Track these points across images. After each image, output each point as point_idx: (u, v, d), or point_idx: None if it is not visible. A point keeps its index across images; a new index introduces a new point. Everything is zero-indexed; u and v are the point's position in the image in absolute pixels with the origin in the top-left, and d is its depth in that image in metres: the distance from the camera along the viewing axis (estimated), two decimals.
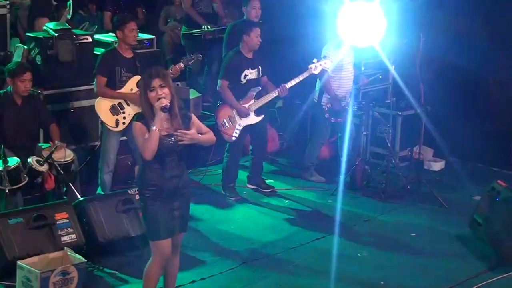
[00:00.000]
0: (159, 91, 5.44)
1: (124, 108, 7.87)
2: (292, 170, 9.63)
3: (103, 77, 7.78)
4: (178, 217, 5.66)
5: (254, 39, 8.25)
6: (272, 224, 8.03)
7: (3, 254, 6.39)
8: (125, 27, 7.76)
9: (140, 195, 5.69)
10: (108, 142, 7.95)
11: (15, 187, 7.14)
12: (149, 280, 5.77)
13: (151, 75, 5.46)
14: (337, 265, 7.07)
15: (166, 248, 5.66)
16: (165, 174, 5.55)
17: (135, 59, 7.92)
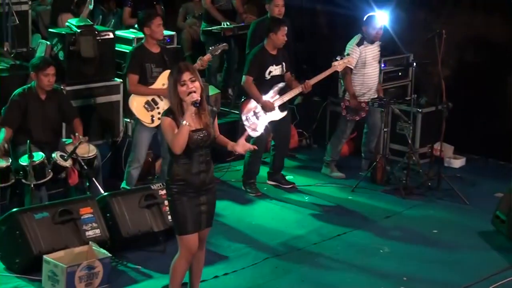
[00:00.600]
0: (190, 85, 5.45)
1: (158, 104, 7.91)
2: (311, 167, 9.65)
3: (135, 75, 7.82)
4: (204, 212, 5.69)
5: (280, 38, 8.29)
6: (293, 220, 8.05)
7: (29, 248, 6.42)
8: (152, 23, 7.81)
9: (167, 190, 5.69)
10: (140, 137, 7.99)
11: (40, 182, 7.20)
12: (176, 275, 5.80)
13: (181, 69, 5.47)
14: (360, 261, 7.11)
15: (193, 242, 5.69)
16: (193, 169, 5.56)
17: (162, 54, 7.96)
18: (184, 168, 5.56)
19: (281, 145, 8.80)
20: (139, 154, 8.04)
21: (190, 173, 5.56)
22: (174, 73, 5.49)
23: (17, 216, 6.49)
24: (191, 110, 5.45)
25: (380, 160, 8.80)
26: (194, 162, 5.56)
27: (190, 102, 5.42)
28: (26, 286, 6.37)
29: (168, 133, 5.49)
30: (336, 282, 6.70)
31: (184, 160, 5.55)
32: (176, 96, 5.48)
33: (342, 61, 8.53)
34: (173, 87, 5.49)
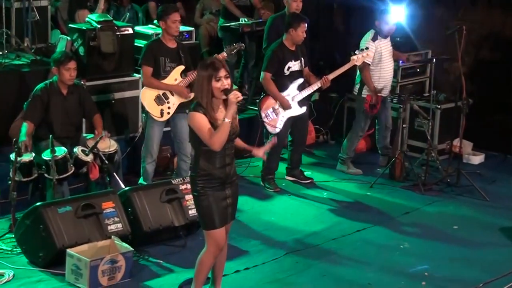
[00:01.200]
0: (224, 82, 5.46)
1: (168, 98, 7.94)
2: (328, 163, 9.68)
3: (149, 67, 7.86)
4: (230, 205, 5.71)
5: (300, 35, 8.31)
6: (312, 215, 8.07)
7: (53, 242, 6.46)
8: (168, 18, 7.84)
9: (192, 184, 5.68)
10: (151, 132, 8.03)
11: (62, 176, 7.23)
12: (202, 269, 5.81)
13: (217, 66, 5.46)
14: (380, 256, 7.13)
15: (221, 237, 5.71)
16: (218, 162, 5.57)
17: (178, 50, 7.99)
18: (210, 162, 5.56)
19: (298, 140, 8.81)
20: (151, 149, 8.08)
21: (215, 166, 5.57)
22: (209, 69, 5.46)
23: (41, 210, 6.52)
24: (235, 108, 5.44)
25: (398, 156, 8.81)
26: (219, 156, 5.57)
27: (235, 101, 5.40)
28: (50, 280, 6.40)
29: (203, 128, 5.45)
30: (357, 278, 6.71)
31: (210, 154, 5.55)
32: (208, 91, 5.47)
33: (361, 55, 8.53)
34: (206, 82, 5.46)
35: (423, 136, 9.16)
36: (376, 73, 8.92)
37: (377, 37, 8.89)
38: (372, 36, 8.92)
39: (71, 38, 8.56)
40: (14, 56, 8.85)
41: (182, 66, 7.98)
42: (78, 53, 8.43)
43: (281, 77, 8.39)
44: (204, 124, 5.45)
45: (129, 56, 8.80)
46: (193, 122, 5.49)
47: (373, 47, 8.83)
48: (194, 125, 5.50)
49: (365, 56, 8.55)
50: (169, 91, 7.95)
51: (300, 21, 8.30)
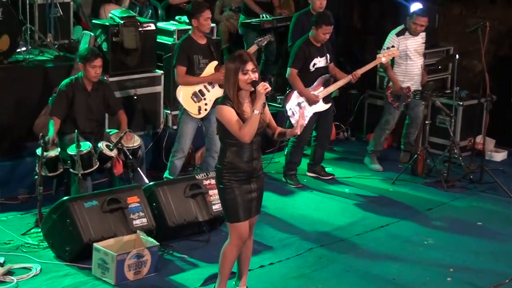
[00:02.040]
0: (252, 75, 5.48)
1: (205, 95, 7.96)
2: (349, 159, 9.69)
3: (183, 67, 7.87)
4: (255, 199, 5.73)
5: (320, 35, 8.31)
6: (335, 211, 8.08)
7: (80, 236, 6.49)
8: (200, 15, 7.84)
9: (218, 177, 5.70)
10: (186, 128, 8.04)
11: (88, 171, 7.26)
12: (226, 262, 5.84)
13: (245, 58, 5.49)
14: (404, 252, 7.13)
15: (245, 230, 5.73)
16: (245, 156, 5.59)
17: (209, 45, 8.01)
18: (237, 155, 5.58)
19: (322, 136, 8.83)
20: (183, 145, 8.09)
21: (242, 160, 5.59)
22: (237, 62, 5.49)
23: (68, 205, 6.55)
24: (263, 99, 5.46)
25: (421, 153, 8.80)
26: (247, 149, 5.59)
27: (263, 92, 5.41)
28: (76, 274, 6.43)
29: (231, 121, 5.48)
30: (382, 273, 6.71)
31: (237, 148, 5.57)
32: (235, 84, 5.50)
33: (387, 53, 8.57)
34: (233, 75, 5.49)
35: (444, 133, 9.16)
36: (401, 68, 8.92)
37: (404, 33, 8.89)
38: (398, 31, 8.93)
39: (94, 34, 8.58)
40: (37, 51, 8.87)
41: (215, 62, 7.99)
42: (101, 49, 8.44)
43: (306, 73, 8.41)
44: (233, 117, 5.48)
45: (151, 52, 8.82)
46: (221, 115, 5.52)
47: (395, 42, 8.83)
48: (222, 118, 5.52)
49: (391, 53, 8.58)
50: (204, 87, 7.96)
51: (323, 23, 8.29)
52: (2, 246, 6.77)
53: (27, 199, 7.74)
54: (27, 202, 7.71)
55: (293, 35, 9.11)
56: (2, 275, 6.20)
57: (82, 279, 6.35)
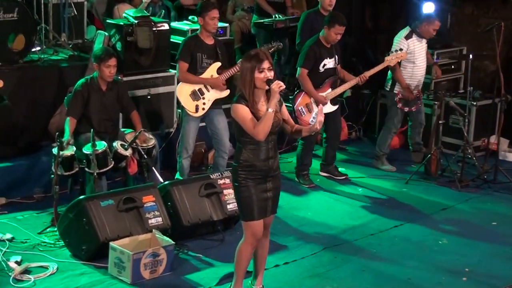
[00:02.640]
0: (267, 73, 5.49)
1: (204, 94, 7.99)
2: (361, 159, 9.70)
3: (185, 62, 7.90)
4: (270, 198, 5.74)
5: (332, 35, 8.32)
6: (348, 211, 8.09)
7: (96, 235, 6.51)
8: (206, 14, 7.87)
9: (234, 175, 5.72)
10: (187, 127, 8.08)
11: (103, 170, 7.28)
12: (241, 260, 5.86)
13: (261, 57, 5.49)
14: (419, 252, 7.13)
15: (259, 229, 5.75)
16: (261, 155, 5.61)
17: (216, 46, 8.02)
18: (253, 154, 5.60)
19: (332, 137, 8.85)
20: (187, 144, 8.12)
21: (258, 158, 5.60)
22: (253, 60, 5.49)
23: (84, 204, 6.57)
24: (277, 97, 5.48)
25: (434, 153, 8.80)
26: (263, 148, 5.60)
27: (278, 90, 5.42)
28: (93, 272, 6.46)
29: (246, 119, 5.50)
30: (396, 273, 6.73)
31: (253, 146, 5.59)
32: (251, 82, 5.50)
33: (395, 56, 8.60)
34: (249, 73, 5.50)
35: (457, 133, 9.18)
36: (408, 71, 8.94)
37: (412, 35, 8.91)
38: (406, 34, 8.93)
39: (108, 34, 8.60)
40: (51, 51, 8.91)
41: (218, 63, 8.01)
42: (115, 49, 8.45)
43: (316, 73, 8.42)
44: (247, 115, 5.50)
45: (165, 52, 8.83)
46: (236, 114, 5.54)
47: (404, 45, 8.84)
48: (237, 116, 5.55)
49: (399, 56, 8.59)
50: (204, 87, 7.99)
51: (336, 23, 8.29)
52: (19, 245, 6.80)
53: (42, 198, 7.78)
54: (42, 201, 7.75)
55: (302, 33, 9.13)
56: (20, 273, 6.23)
57: (98, 278, 6.37)
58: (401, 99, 8.93)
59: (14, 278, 6.19)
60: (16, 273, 6.21)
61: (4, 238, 6.82)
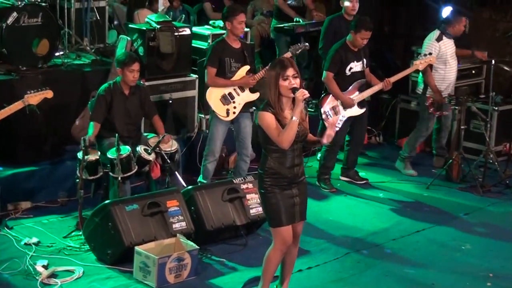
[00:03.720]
0: (292, 81, 5.50)
1: (234, 98, 8.01)
2: (381, 164, 9.70)
3: (213, 68, 7.92)
4: (297, 204, 5.75)
5: (358, 40, 8.34)
6: (371, 215, 8.10)
7: (121, 240, 6.54)
8: (234, 18, 7.89)
9: (260, 182, 5.74)
10: (216, 131, 8.09)
11: (127, 175, 7.31)
12: (269, 266, 5.86)
13: (285, 64, 5.52)
14: (442, 257, 7.14)
15: (288, 235, 5.75)
16: (287, 162, 5.63)
17: (243, 50, 8.05)
18: (279, 162, 5.62)
19: (356, 141, 8.85)
20: (214, 148, 8.14)
21: (284, 166, 5.63)
22: (277, 67, 5.52)
23: (110, 208, 6.61)
24: (301, 106, 5.48)
25: (456, 158, 8.80)
26: (288, 156, 5.63)
27: (302, 99, 5.44)
28: (118, 276, 6.49)
29: (271, 127, 5.53)
30: (420, 278, 6.73)
31: (279, 154, 5.61)
32: (276, 90, 5.52)
33: (424, 60, 8.61)
34: (274, 81, 5.52)
35: (478, 138, 9.17)
36: (440, 73, 8.93)
37: (442, 37, 8.90)
38: (436, 36, 8.92)
39: (131, 38, 8.64)
40: (74, 56, 8.96)
41: (247, 66, 8.03)
42: (137, 53, 8.51)
43: (342, 77, 8.43)
44: (272, 123, 5.52)
45: (186, 57, 8.88)
46: (262, 121, 5.56)
47: (436, 48, 8.84)
48: (262, 124, 5.57)
49: (428, 61, 8.60)
50: (234, 91, 8.01)
51: (362, 28, 8.31)
52: (45, 249, 6.86)
53: (66, 202, 7.82)
54: (66, 205, 7.80)
55: (325, 38, 9.14)
56: (47, 277, 6.27)
57: (124, 282, 6.42)
58: (433, 103, 8.91)
59: (41, 282, 6.24)
60: (43, 277, 6.26)
61: (30, 242, 6.88)
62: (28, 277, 6.33)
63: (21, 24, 8.13)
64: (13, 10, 8.10)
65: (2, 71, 8.16)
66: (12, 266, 6.46)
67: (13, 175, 7.65)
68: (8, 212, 7.48)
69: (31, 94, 6.59)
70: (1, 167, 7.77)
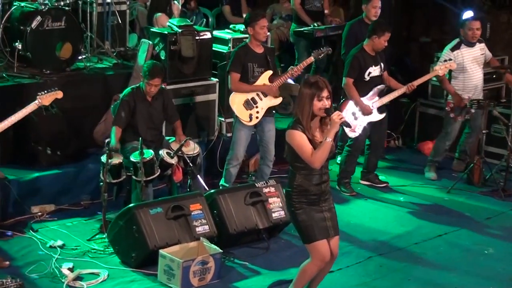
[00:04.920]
0: (326, 102, 5.52)
1: (257, 103, 8.03)
2: (401, 167, 9.69)
3: (237, 73, 7.95)
4: (328, 219, 5.74)
5: (382, 43, 8.36)
6: (391, 219, 8.10)
7: (146, 243, 6.57)
8: (256, 24, 7.91)
9: (288, 200, 5.76)
10: (239, 136, 8.11)
11: (150, 178, 7.35)
12: (303, 278, 5.88)
13: (321, 85, 5.51)
14: (465, 261, 7.14)
15: (325, 249, 5.73)
16: (314, 180, 5.65)
17: (266, 54, 8.07)
18: (307, 179, 5.64)
19: (377, 145, 8.86)
20: (238, 152, 8.16)
21: (311, 183, 5.65)
22: (313, 88, 5.51)
23: (134, 211, 6.65)
24: (337, 128, 5.50)
25: (477, 162, 8.79)
26: (317, 173, 5.65)
27: (339, 122, 5.46)
28: (143, 280, 6.53)
29: (303, 146, 5.53)
30: (443, 282, 6.73)
31: (307, 171, 5.63)
32: (309, 110, 5.53)
33: (444, 66, 8.59)
34: (309, 100, 5.52)
35: (499, 142, 9.15)
36: (459, 82, 8.89)
37: (460, 46, 8.86)
38: (453, 45, 8.89)
39: (152, 42, 8.68)
40: (96, 59, 9.01)
41: (270, 71, 8.05)
42: (159, 57, 8.55)
43: (361, 82, 8.45)
44: (304, 142, 5.53)
45: (207, 60, 8.90)
46: (293, 140, 5.57)
47: (451, 56, 8.81)
48: (293, 142, 5.58)
49: (448, 66, 8.61)
50: (257, 96, 8.04)
51: (385, 30, 8.34)
52: (69, 252, 6.90)
53: (89, 205, 7.86)
54: (89, 208, 7.84)
55: (347, 44, 9.16)
56: (73, 280, 6.31)
57: (148, 285, 6.45)
58: (453, 108, 8.90)
59: (67, 284, 6.28)
60: (69, 280, 6.31)
61: (55, 245, 6.93)
62: (54, 279, 6.37)
63: (45, 28, 8.20)
64: (37, 14, 8.17)
65: (26, 74, 8.21)
66: (38, 269, 6.50)
67: (37, 178, 7.70)
68: (33, 215, 7.53)
69: (43, 95, 6.62)
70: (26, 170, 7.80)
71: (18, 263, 6.66)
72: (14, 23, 8.33)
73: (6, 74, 8.09)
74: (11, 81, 8.04)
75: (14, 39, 8.23)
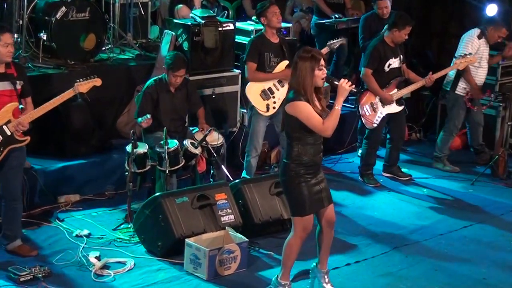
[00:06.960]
0: (325, 70, 5.68)
1: (274, 93, 8.02)
2: (422, 160, 9.66)
3: (253, 63, 7.95)
4: (323, 189, 5.86)
5: (403, 36, 8.35)
6: (415, 211, 8.07)
7: (172, 232, 6.57)
8: (267, 11, 7.92)
9: (286, 170, 5.81)
10: (257, 126, 8.11)
11: (174, 168, 7.34)
12: (290, 253, 6.01)
13: (318, 56, 5.65)
14: (491, 253, 7.10)
15: (309, 223, 5.90)
16: (316, 150, 5.76)
17: (281, 44, 8.06)
18: (305, 150, 5.73)
19: (396, 138, 8.83)
20: (256, 143, 8.16)
21: (309, 154, 5.74)
22: (312, 60, 5.63)
23: (160, 200, 6.65)
24: (345, 95, 5.65)
25: (502, 154, 8.76)
26: (317, 144, 5.77)
27: (347, 89, 5.61)
28: (169, 268, 6.53)
29: (312, 116, 5.63)
30: (470, 273, 6.71)
31: (305, 142, 5.73)
32: (311, 81, 5.63)
33: (464, 60, 8.57)
34: (310, 72, 5.62)
35: None
36: (472, 70, 8.89)
37: (482, 36, 8.86)
38: (478, 34, 8.87)
39: (175, 33, 8.67)
40: (118, 50, 9.01)
41: (286, 61, 8.04)
42: (182, 48, 8.55)
43: (381, 73, 8.43)
44: (312, 111, 5.64)
45: (230, 52, 8.89)
46: (299, 111, 5.65)
47: (476, 44, 8.80)
48: (300, 114, 5.65)
49: (469, 60, 8.57)
50: (274, 86, 8.02)
51: (406, 24, 8.33)
52: (95, 241, 6.91)
53: (114, 195, 7.87)
54: (114, 198, 7.85)
55: (364, 37, 9.22)
56: (100, 268, 6.31)
57: (175, 274, 6.45)
58: (470, 98, 8.87)
59: (95, 272, 6.29)
60: (97, 268, 6.31)
61: (81, 234, 6.94)
62: (81, 268, 6.38)
63: (70, 18, 8.21)
64: (62, 4, 8.18)
65: (51, 65, 8.22)
66: (65, 258, 6.52)
67: (63, 168, 7.71)
68: (58, 205, 7.54)
69: (81, 83, 6.61)
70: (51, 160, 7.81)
71: (46, 251, 6.68)
72: (39, 13, 8.34)
73: (32, 64, 8.09)
74: (37, 71, 8.05)
75: (39, 30, 8.25)
